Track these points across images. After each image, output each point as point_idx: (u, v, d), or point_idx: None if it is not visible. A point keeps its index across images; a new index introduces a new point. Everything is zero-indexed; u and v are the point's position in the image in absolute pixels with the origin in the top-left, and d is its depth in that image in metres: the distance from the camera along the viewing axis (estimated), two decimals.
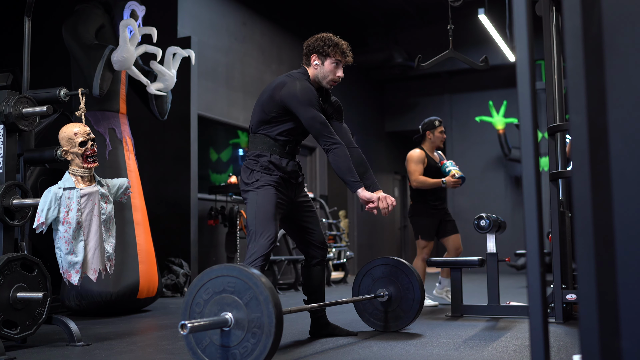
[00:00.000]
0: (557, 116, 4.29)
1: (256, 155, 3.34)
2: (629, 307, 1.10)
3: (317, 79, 3.43)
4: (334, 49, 3.38)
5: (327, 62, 3.39)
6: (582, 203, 1.13)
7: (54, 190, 3.31)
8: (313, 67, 3.42)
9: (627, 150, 1.12)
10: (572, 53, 1.16)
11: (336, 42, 3.41)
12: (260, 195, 3.25)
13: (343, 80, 3.49)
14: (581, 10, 1.16)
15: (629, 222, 1.11)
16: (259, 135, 3.38)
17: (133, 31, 4.81)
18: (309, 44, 3.44)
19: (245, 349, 2.40)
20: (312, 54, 3.41)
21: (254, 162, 3.33)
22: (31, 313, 3.25)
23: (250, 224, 3.22)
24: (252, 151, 3.39)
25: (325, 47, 3.38)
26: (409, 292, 3.73)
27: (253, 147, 3.39)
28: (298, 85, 3.29)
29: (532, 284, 1.21)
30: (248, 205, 3.29)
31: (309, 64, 3.44)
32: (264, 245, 3.13)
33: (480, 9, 8.07)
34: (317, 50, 3.39)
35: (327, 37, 3.42)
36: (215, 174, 8.15)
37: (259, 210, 3.22)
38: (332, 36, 3.44)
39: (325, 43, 3.39)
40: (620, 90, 1.14)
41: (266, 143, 3.35)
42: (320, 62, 3.40)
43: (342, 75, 3.44)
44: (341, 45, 3.42)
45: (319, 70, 3.41)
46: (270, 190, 3.25)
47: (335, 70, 3.42)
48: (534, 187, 1.22)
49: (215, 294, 2.48)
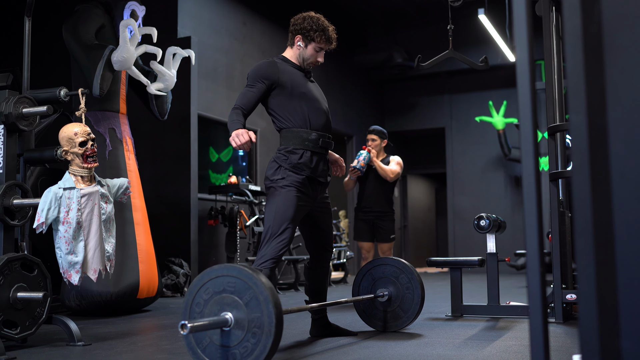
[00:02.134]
0: (557, 116, 4.29)
1: (288, 152, 3.28)
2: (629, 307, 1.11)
3: (300, 61, 3.42)
4: (320, 35, 3.35)
5: (310, 46, 3.38)
6: (582, 203, 1.13)
7: (54, 190, 3.31)
8: (296, 47, 3.41)
9: (627, 150, 1.12)
10: (572, 53, 1.16)
11: (323, 28, 3.36)
12: (282, 196, 3.20)
13: (343, 80, 3.50)
14: (581, 10, 1.16)
15: (628, 221, 1.12)
16: (285, 130, 3.33)
17: (133, 31, 4.81)
18: (295, 23, 3.40)
19: (245, 349, 2.40)
20: (297, 35, 3.39)
21: (283, 159, 3.27)
22: (31, 313, 3.25)
23: (267, 223, 3.18)
24: (283, 146, 3.32)
25: (312, 31, 3.35)
26: (409, 292, 3.74)
27: (285, 142, 3.31)
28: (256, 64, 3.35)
29: (532, 284, 1.21)
30: (268, 204, 3.25)
31: (293, 44, 3.42)
32: (276, 249, 3.10)
33: (480, 9, 8.07)
34: (302, 33, 3.37)
35: (314, 21, 3.37)
36: (215, 174, 8.15)
37: (278, 211, 3.18)
38: (321, 19, 3.40)
39: (312, 27, 3.35)
40: (620, 90, 1.14)
41: (298, 137, 3.29)
42: (303, 45, 3.38)
43: (322, 61, 3.44)
44: (327, 31, 3.38)
45: (301, 51, 3.39)
46: (293, 192, 3.21)
47: (317, 55, 3.40)
48: (534, 187, 1.22)
49: (216, 293, 2.48)
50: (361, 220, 5.44)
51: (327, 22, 3.42)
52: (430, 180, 15.62)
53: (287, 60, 3.41)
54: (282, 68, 3.33)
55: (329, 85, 10.46)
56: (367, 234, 5.41)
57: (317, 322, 3.58)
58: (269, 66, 3.31)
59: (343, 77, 10.89)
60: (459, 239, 11.99)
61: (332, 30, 3.40)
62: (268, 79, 3.28)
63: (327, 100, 3.57)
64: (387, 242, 5.41)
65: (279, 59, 3.40)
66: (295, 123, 3.29)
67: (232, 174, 7.95)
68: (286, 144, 3.30)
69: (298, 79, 3.36)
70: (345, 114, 10.73)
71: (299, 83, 3.34)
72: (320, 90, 3.54)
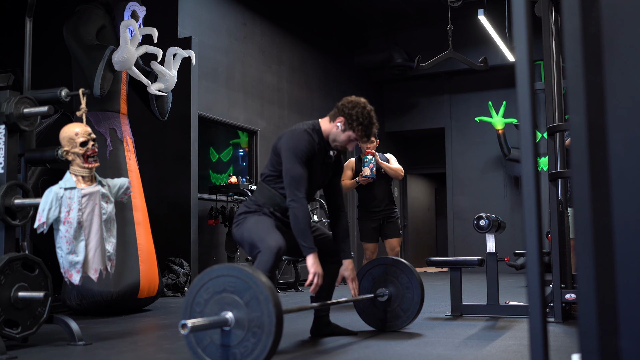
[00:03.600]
0: (556, 116, 4.30)
1: (258, 204, 3.31)
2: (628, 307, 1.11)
3: (329, 137, 3.34)
4: (362, 130, 3.26)
5: (347, 132, 3.28)
6: (582, 203, 1.14)
7: (55, 190, 3.31)
8: (334, 126, 3.30)
9: (626, 150, 1.13)
10: (571, 53, 1.16)
11: (368, 124, 3.26)
12: (254, 217, 3.24)
13: (343, 80, 3.50)
14: (580, 11, 1.16)
15: (628, 221, 1.12)
16: (266, 186, 3.33)
17: (134, 32, 4.82)
18: (345, 106, 3.29)
19: (245, 349, 2.41)
20: (341, 116, 3.28)
21: (256, 207, 3.30)
22: (32, 312, 3.26)
23: (248, 239, 3.15)
24: (256, 198, 3.34)
25: (356, 122, 3.24)
26: (409, 292, 3.74)
27: (259, 196, 3.33)
28: (296, 135, 3.24)
29: (532, 284, 1.22)
30: (242, 230, 3.22)
31: (333, 120, 3.32)
32: (271, 247, 3.03)
33: (480, 9, 8.08)
34: (347, 117, 3.26)
35: (364, 113, 3.26)
36: (215, 174, 8.15)
37: (256, 225, 3.18)
38: (371, 113, 3.29)
39: (358, 119, 3.24)
40: (619, 90, 1.14)
41: (272, 198, 3.30)
42: (342, 128, 3.28)
43: (350, 150, 3.39)
44: (370, 128, 3.28)
45: (336, 132, 3.30)
46: (265, 217, 3.25)
47: (349, 143, 3.33)
48: (534, 187, 1.23)
49: (216, 293, 2.48)
50: (369, 222, 5.37)
51: (375, 118, 3.32)
52: (430, 180, 15.61)
53: (320, 132, 3.33)
54: (313, 147, 3.27)
55: (329, 85, 10.47)
56: (374, 235, 5.38)
57: (319, 321, 3.59)
58: (308, 147, 3.23)
59: (343, 77, 10.89)
60: (459, 239, 11.99)
61: (375, 127, 3.32)
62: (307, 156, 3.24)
63: (327, 101, 3.57)
64: (399, 237, 5.43)
65: (314, 131, 3.32)
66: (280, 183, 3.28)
67: (232, 174, 7.96)
68: (259, 197, 3.33)
69: (316, 159, 3.32)
70: None
71: (312, 163, 3.30)
72: (331, 166, 3.47)
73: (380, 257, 3.93)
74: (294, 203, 3.15)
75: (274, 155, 3.32)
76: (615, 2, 1.16)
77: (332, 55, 10.64)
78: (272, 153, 3.33)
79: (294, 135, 3.25)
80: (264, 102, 8.79)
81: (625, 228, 1.12)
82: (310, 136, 3.27)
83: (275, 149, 3.29)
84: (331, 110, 3.38)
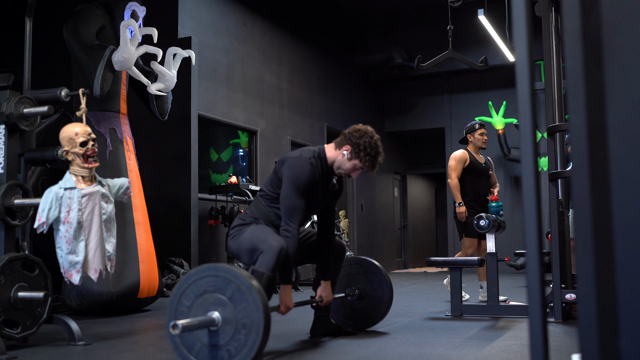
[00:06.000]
0: (556, 116, 4.30)
1: (254, 218, 3.32)
2: (628, 307, 1.11)
3: (334, 164, 3.32)
4: (368, 160, 3.24)
5: (353, 161, 3.26)
6: (582, 203, 1.14)
7: (54, 190, 3.31)
8: (340, 153, 3.28)
9: (627, 150, 1.13)
10: (571, 53, 1.16)
11: (374, 154, 3.24)
12: (251, 226, 3.25)
13: (343, 80, 3.50)
14: (580, 11, 1.16)
15: (628, 221, 1.12)
16: (262, 202, 3.33)
17: (134, 32, 4.82)
18: (352, 134, 3.26)
19: (238, 342, 2.41)
20: (348, 144, 3.26)
21: (251, 219, 3.31)
22: (32, 312, 3.26)
23: (247, 245, 3.15)
24: (252, 212, 3.34)
25: (362, 152, 3.22)
26: (378, 291, 3.81)
27: (255, 210, 3.33)
28: (299, 165, 3.21)
29: (532, 284, 1.22)
30: (239, 240, 3.22)
31: (339, 147, 3.29)
32: (273, 247, 3.02)
33: (480, 9, 8.08)
34: (354, 146, 3.24)
35: (371, 143, 3.24)
36: (215, 174, 8.16)
37: (255, 231, 3.19)
38: (377, 143, 3.27)
39: (365, 149, 3.22)
40: (619, 90, 1.14)
41: (267, 215, 3.30)
42: (348, 157, 3.26)
43: (354, 177, 3.38)
44: (376, 159, 3.27)
45: (342, 160, 3.28)
46: (263, 225, 3.26)
47: (354, 172, 3.31)
48: (534, 187, 1.23)
49: (197, 297, 2.49)
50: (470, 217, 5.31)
51: (381, 148, 3.30)
52: (430, 180, 15.62)
53: (324, 160, 3.31)
54: (315, 178, 3.25)
55: (329, 85, 10.47)
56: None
57: (319, 320, 3.59)
58: (309, 179, 3.20)
59: (343, 77, 10.89)
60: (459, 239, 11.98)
61: (381, 158, 3.29)
62: (307, 188, 3.21)
63: (327, 101, 3.57)
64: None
65: (318, 159, 3.29)
66: (277, 204, 3.27)
67: (232, 174, 7.95)
68: (255, 212, 3.33)
69: (317, 187, 3.30)
70: (345, 114, 10.72)
71: (314, 190, 3.28)
72: (332, 193, 3.46)
73: (355, 257, 3.99)
74: (286, 232, 3.15)
75: (275, 177, 3.28)
76: (615, 2, 1.16)
77: (332, 55, 10.64)
78: (274, 174, 3.30)
79: (298, 164, 3.22)
80: (264, 102, 8.79)
81: (626, 228, 1.12)
82: (313, 167, 3.24)
83: (277, 172, 3.26)
84: (331, 110, 3.37)
